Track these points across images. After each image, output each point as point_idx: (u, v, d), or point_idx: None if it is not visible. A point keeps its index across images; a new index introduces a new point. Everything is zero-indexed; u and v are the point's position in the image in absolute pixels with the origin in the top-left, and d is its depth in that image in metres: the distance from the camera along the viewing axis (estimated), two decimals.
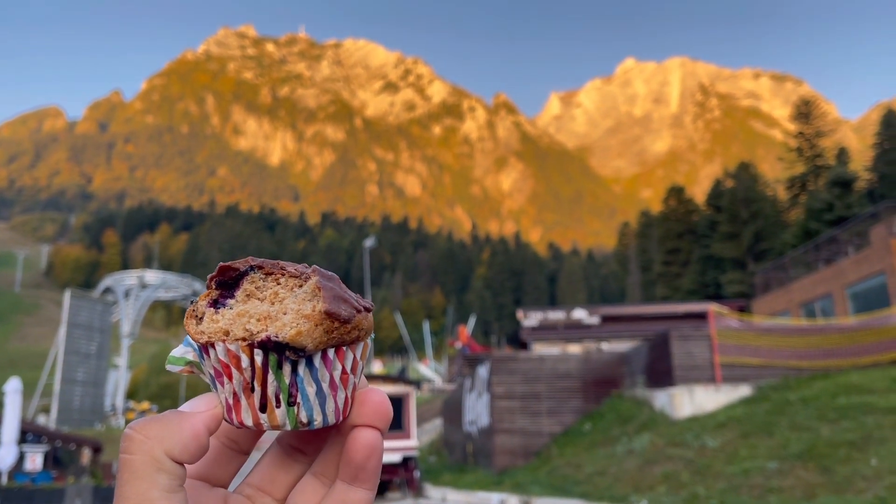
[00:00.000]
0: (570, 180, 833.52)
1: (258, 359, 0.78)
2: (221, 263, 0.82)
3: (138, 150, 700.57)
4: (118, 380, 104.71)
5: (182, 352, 0.79)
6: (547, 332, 53.74)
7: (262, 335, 0.78)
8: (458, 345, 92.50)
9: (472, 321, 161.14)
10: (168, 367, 0.80)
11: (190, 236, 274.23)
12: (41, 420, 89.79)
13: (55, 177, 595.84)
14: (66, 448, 35.52)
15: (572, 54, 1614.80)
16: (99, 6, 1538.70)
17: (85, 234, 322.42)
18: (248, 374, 0.78)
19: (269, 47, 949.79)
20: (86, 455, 34.74)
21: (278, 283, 0.82)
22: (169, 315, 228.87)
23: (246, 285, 0.83)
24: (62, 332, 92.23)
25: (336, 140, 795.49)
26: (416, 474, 26.25)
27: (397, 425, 26.68)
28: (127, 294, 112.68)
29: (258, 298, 0.82)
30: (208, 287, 0.82)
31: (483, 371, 31.48)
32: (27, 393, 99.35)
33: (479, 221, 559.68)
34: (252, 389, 0.78)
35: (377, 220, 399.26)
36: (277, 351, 0.78)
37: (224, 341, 0.80)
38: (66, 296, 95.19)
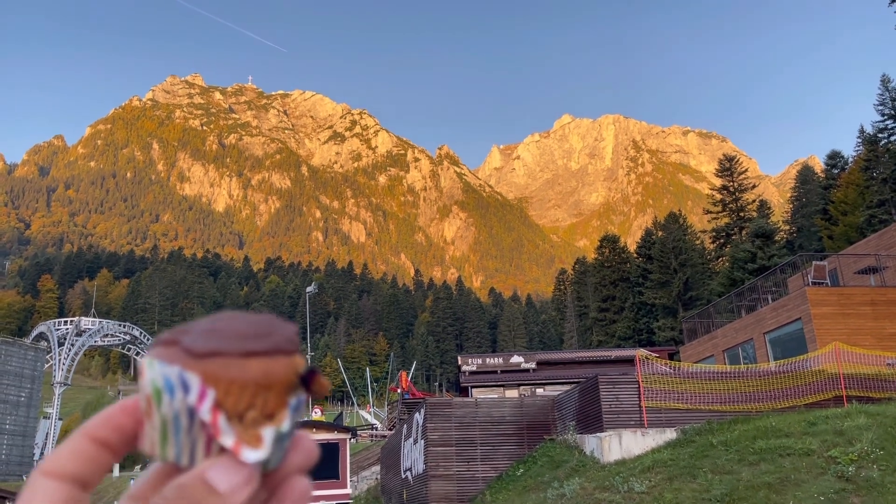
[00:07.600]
0: (511, 229, 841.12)
1: None
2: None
3: (80, 195, 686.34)
4: (49, 429, 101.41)
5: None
6: (485, 377, 54.08)
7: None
8: (399, 391, 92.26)
9: (413, 367, 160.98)
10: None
11: (131, 282, 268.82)
12: None
13: None
14: None
15: (512, 109, 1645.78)
16: (42, 50, 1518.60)
17: (20, 280, 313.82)
18: None
19: (217, 96, 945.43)
20: None
21: None
22: (107, 362, 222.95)
23: None
24: None
25: (282, 187, 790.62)
26: None
27: (332, 473, 26.56)
28: (62, 341, 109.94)
29: None
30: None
31: (419, 417, 31.62)
32: None
33: (422, 268, 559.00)
34: None
35: (322, 266, 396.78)
36: None
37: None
38: None
